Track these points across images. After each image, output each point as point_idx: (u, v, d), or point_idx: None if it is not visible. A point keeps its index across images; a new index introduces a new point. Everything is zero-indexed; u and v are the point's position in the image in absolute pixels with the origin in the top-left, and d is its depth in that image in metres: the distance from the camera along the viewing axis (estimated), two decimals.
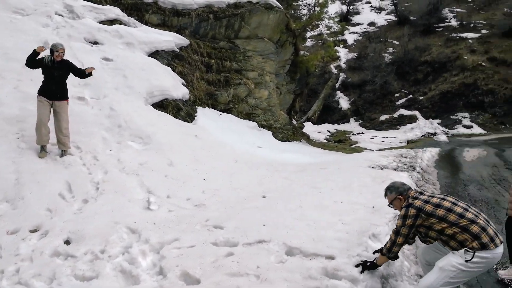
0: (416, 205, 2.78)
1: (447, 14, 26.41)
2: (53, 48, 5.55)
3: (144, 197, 5.02)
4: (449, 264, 2.66)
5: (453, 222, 2.65)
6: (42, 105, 5.46)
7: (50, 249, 3.65)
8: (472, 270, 2.62)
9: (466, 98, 20.10)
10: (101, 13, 9.83)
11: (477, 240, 2.59)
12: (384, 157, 8.50)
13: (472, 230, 2.61)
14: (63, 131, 5.56)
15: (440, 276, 2.68)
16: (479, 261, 2.59)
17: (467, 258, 2.58)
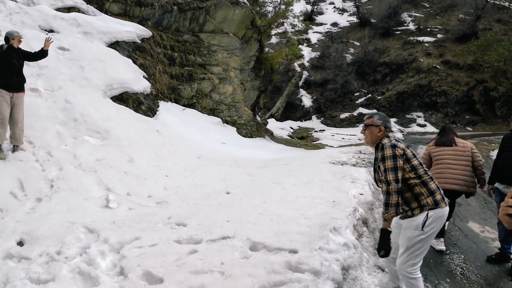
0: (401, 146, 2.77)
1: (405, 18, 27.63)
2: (9, 36, 5.19)
3: (103, 195, 4.81)
4: (410, 241, 2.79)
5: (420, 174, 2.76)
6: (3, 100, 5.01)
7: (2, 252, 3.41)
8: (430, 233, 2.75)
9: (421, 98, 21.24)
10: (58, 0, 9.28)
11: (432, 197, 2.74)
12: (344, 154, 8.76)
13: (430, 186, 2.76)
14: (19, 125, 5.18)
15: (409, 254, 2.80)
16: (432, 221, 2.73)
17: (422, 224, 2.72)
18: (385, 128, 2.89)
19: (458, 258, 4.42)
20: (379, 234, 2.86)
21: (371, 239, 4.41)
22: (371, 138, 2.92)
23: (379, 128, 2.88)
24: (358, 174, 6.28)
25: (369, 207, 5.25)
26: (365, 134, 2.98)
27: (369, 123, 2.94)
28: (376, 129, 2.89)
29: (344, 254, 3.49)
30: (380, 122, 2.89)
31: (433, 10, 28.44)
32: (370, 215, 5.00)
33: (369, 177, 6.50)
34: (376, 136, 2.89)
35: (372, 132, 2.91)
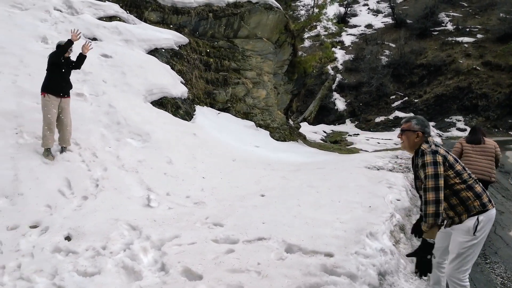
0: (441, 152, 2.67)
1: (443, 18, 26.65)
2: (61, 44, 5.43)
3: (144, 194, 5.04)
4: (461, 246, 2.71)
5: (465, 179, 2.69)
6: (51, 105, 5.27)
7: (50, 245, 3.65)
8: (481, 238, 2.68)
9: (460, 101, 20.35)
10: (100, 9, 9.81)
11: (479, 200, 2.66)
12: (380, 158, 8.59)
13: (476, 189, 2.69)
14: (67, 128, 5.51)
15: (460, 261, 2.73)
16: (483, 225, 2.66)
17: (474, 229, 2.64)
18: (423, 133, 2.77)
19: (499, 268, 4.23)
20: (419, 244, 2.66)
21: (409, 245, 4.32)
22: (408, 143, 2.83)
23: (417, 133, 2.77)
24: (395, 180, 6.16)
25: (407, 213, 5.13)
26: (402, 139, 2.88)
27: (406, 128, 2.85)
28: (413, 135, 2.79)
29: (380, 259, 3.45)
30: (418, 127, 2.78)
31: (471, 9, 27.23)
32: (407, 222, 4.89)
33: (407, 182, 6.34)
34: (413, 142, 2.79)
35: (409, 137, 2.81)
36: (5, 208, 4.26)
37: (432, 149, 2.66)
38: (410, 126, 2.82)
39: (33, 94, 6.13)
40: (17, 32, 7.63)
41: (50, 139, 5.31)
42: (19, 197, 4.43)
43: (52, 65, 5.39)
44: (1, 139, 5.25)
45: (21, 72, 6.61)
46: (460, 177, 2.68)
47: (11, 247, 3.62)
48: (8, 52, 6.93)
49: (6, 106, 5.79)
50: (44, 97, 5.27)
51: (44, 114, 5.27)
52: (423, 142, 2.76)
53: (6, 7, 8.32)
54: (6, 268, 3.27)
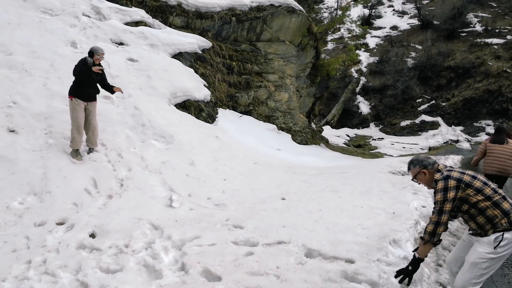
0: (454, 176, 2.66)
1: (471, 19, 25.77)
2: (94, 51, 5.52)
3: (166, 195, 5.12)
4: (479, 256, 2.64)
5: (488, 195, 2.61)
6: (79, 108, 5.46)
7: (76, 242, 3.77)
8: (501, 255, 2.60)
9: (490, 105, 19.57)
10: (126, 15, 10.09)
11: (506, 217, 2.56)
12: (405, 163, 8.35)
13: (503, 206, 2.59)
14: (95, 130, 5.69)
15: (473, 271, 2.66)
16: (507, 243, 2.56)
17: (496, 243, 2.56)
18: (426, 167, 2.82)
19: (510, 274, 4.03)
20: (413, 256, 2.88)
21: (433, 254, 4.18)
22: (426, 183, 2.89)
23: (422, 172, 2.84)
24: (420, 186, 5.97)
25: None
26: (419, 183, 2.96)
27: (412, 175, 2.94)
28: (421, 175, 2.86)
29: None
30: (417, 168, 2.85)
31: (501, 10, 26.17)
32: None
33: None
34: (427, 179, 2.86)
35: (422, 179, 2.89)
36: (34, 205, 4.44)
37: (444, 176, 2.70)
38: (413, 172, 2.92)
39: (63, 96, 6.36)
40: (48, 37, 7.95)
41: (79, 140, 5.49)
42: (47, 194, 4.60)
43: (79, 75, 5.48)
44: (32, 139, 5.47)
45: (51, 75, 6.87)
46: (482, 194, 2.62)
47: (38, 242, 3.76)
48: (40, 56, 7.23)
49: (37, 108, 6.03)
50: (72, 100, 5.45)
51: (73, 117, 5.45)
52: (435, 173, 2.80)
53: (37, 13, 8.69)
54: (32, 263, 3.40)
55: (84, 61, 5.47)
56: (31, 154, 5.20)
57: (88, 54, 5.58)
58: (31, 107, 6.00)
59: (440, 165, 2.84)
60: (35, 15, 8.55)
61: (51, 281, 3.16)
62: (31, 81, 6.53)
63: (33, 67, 6.89)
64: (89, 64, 5.45)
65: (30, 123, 5.73)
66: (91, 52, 5.54)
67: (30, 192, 4.62)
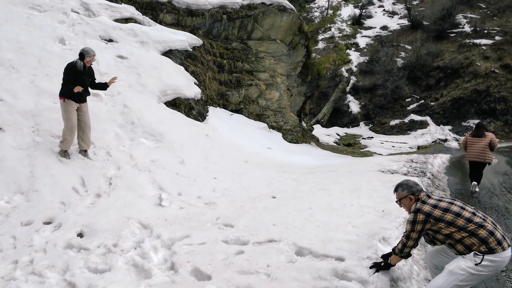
0: (425, 210, 2.78)
1: (460, 19, 26.13)
2: (85, 53, 5.35)
3: (156, 193, 5.08)
4: (459, 267, 2.67)
5: (461, 226, 2.67)
6: (72, 109, 5.31)
7: (63, 241, 3.72)
8: (481, 274, 2.63)
9: (478, 105, 19.89)
10: (116, 12, 9.96)
11: (485, 245, 2.61)
12: (394, 162, 8.45)
13: (480, 235, 2.63)
14: (89, 130, 5.55)
15: (449, 279, 2.69)
16: (488, 264, 2.60)
17: (477, 261, 2.60)
18: (413, 193, 2.93)
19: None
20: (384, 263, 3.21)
21: (422, 251, 4.22)
22: (408, 208, 2.99)
23: (408, 197, 2.94)
24: None
25: None
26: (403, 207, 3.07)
27: (397, 197, 3.04)
28: (406, 200, 2.97)
29: None
30: (406, 192, 2.96)
31: (490, 11, 26.58)
32: None
33: (422, 187, 6.21)
34: (409, 205, 2.96)
35: (405, 204, 2.99)
36: (21, 204, 4.36)
37: (415, 209, 2.83)
38: (400, 195, 3.01)
39: (51, 93, 6.25)
40: (36, 33, 7.81)
41: (70, 142, 5.36)
42: (34, 193, 4.52)
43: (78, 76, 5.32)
44: (19, 137, 5.37)
45: (39, 72, 6.75)
46: (455, 226, 2.68)
47: (25, 242, 3.70)
48: (27, 52, 7.10)
49: (24, 105, 5.92)
50: (64, 101, 5.27)
51: (67, 118, 5.28)
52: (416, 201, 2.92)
53: (25, 9, 8.53)
54: (19, 263, 3.34)
55: (74, 66, 5.27)
56: (18, 152, 5.10)
57: (79, 56, 5.40)
58: (18, 104, 5.89)
59: (422, 193, 2.93)
60: (23, 11, 8.39)
61: (38, 281, 3.11)
62: (18, 78, 6.41)
63: (21, 63, 6.76)
64: (79, 69, 5.29)
65: (17, 120, 5.62)
66: (81, 54, 5.37)
67: (17, 191, 4.53)
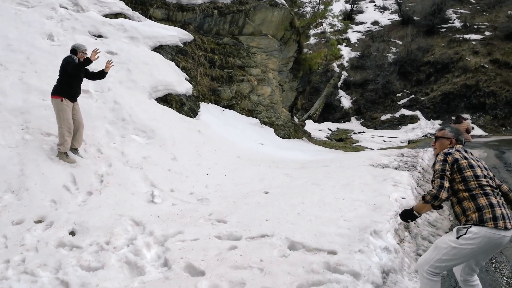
0: (454, 155, 2.71)
1: (450, 15, 26.38)
2: (77, 49, 5.26)
3: (148, 190, 5.06)
4: (442, 241, 2.66)
5: (470, 187, 2.60)
6: (69, 109, 5.21)
7: (55, 240, 3.69)
8: (462, 247, 2.51)
9: (468, 99, 20.15)
10: (105, 7, 9.84)
11: (478, 213, 2.51)
12: (385, 156, 8.52)
13: (479, 201, 2.55)
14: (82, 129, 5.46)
15: (432, 254, 2.67)
16: (472, 237, 2.48)
17: (459, 233, 2.52)
18: (457, 141, 2.87)
19: (505, 268, 4.17)
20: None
21: (413, 244, 4.28)
22: (440, 149, 2.89)
23: (450, 140, 2.88)
24: (400, 178, 6.10)
25: None
26: (435, 146, 2.97)
27: (439, 135, 2.95)
28: (446, 141, 2.89)
29: (384, 257, 3.43)
30: (452, 134, 2.90)
31: (479, 6, 26.90)
32: None
33: (412, 181, 6.29)
34: (445, 147, 2.87)
35: (442, 144, 2.91)
36: (11, 203, 4.31)
37: (445, 151, 2.75)
38: (444, 134, 2.93)
39: (40, 90, 6.17)
40: (24, 29, 7.68)
41: (70, 142, 5.26)
42: (25, 192, 4.47)
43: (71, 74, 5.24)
44: (7, 135, 5.29)
45: (28, 69, 6.65)
46: (465, 184, 2.61)
47: (16, 241, 3.66)
48: (15, 49, 6.98)
49: (13, 103, 5.84)
50: (62, 101, 5.15)
51: (63, 118, 5.16)
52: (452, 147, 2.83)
53: (13, 5, 8.38)
54: (10, 262, 3.31)
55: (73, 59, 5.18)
56: (7, 150, 5.03)
57: (71, 52, 5.32)
58: (7, 101, 5.80)
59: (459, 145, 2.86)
60: (11, 7, 8.25)
61: (30, 281, 3.09)
62: (6, 75, 6.31)
63: (9, 60, 6.65)
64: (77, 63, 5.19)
65: (6, 118, 5.54)
66: (74, 50, 5.29)
67: (7, 190, 4.47)
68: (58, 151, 5.24)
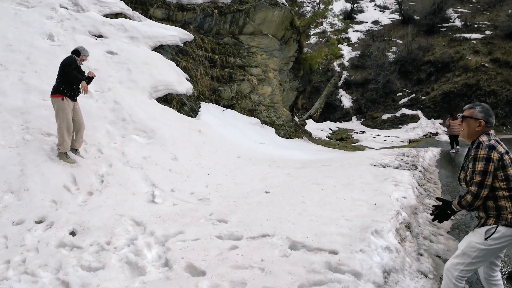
0: (499, 150, 2.43)
1: (451, 14, 26.35)
2: (81, 51, 5.37)
3: (149, 190, 5.05)
4: (469, 245, 2.57)
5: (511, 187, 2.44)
6: (69, 109, 5.23)
7: (55, 240, 3.68)
8: (491, 248, 2.47)
9: (469, 98, 20.12)
10: (105, 7, 9.84)
11: None
12: (386, 156, 8.52)
13: None
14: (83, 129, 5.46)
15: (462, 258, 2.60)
16: (500, 236, 2.44)
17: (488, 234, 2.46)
18: (486, 122, 2.55)
19: (506, 267, 4.17)
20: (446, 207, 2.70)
21: (414, 244, 4.27)
22: (468, 131, 2.61)
23: (479, 122, 2.55)
24: (401, 177, 6.09)
25: (413, 211, 5.07)
26: (462, 126, 2.66)
27: (467, 115, 2.62)
28: (475, 123, 2.56)
29: (386, 257, 3.42)
30: (482, 115, 2.56)
31: (480, 6, 26.86)
32: (413, 220, 4.83)
33: (413, 180, 6.28)
34: (474, 130, 2.58)
35: (470, 125, 2.59)
36: (11, 203, 4.30)
37: (490, 144, 2.45)
38: (473, 113, 2.60)
39: (40, 90, 6.16)
40: (24, 29, 7.68)
41: (69, 142, 5.27)
42: (25, 192, 4.46)
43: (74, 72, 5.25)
44: (8, 135, 5.29)
45: (28, 69, 6.65)
46: (507, 183, 2.46)
47: (17, 241, 3.65)
48: (15, 49, 6.98)
49: (13, 103, 5.83)
50: (63, 100, 5.17)
51: (64, 118, 5.16)
52: (483, 133, 2.56)
53: (13, 5, 8.38)
54: (11, 263, 3.30)
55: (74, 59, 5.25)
56: (8, 150, 5.02)
57: (74, 52, 5.37)
58: (7, 102, 5.79)
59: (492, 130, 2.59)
60: (11, 7, 8.24)
61: (31, 281, 3.08)
62: (6, 75, 6.30)
63: (9, 60, 6.65)
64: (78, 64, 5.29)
65: (6, 118, 5.53)
66: (77, 51, 5.35)
67: (7, 190, 4.46)
68: (58, 151, 5.24)
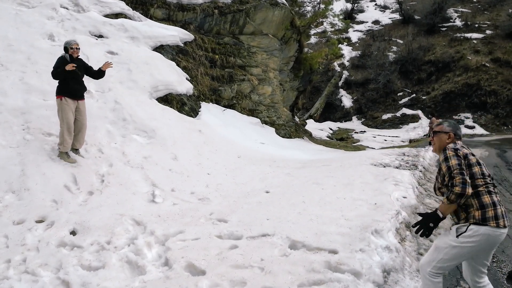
0: (464, 151, 2.67)
1: (451, 14, 26.35)
2: (67, 45, 5.27)
3: (149, 190, 5.07)
4: (442, 241, 2.65)
5: (476, 184, 2.57)
6: (69, 108, 5.18)
7: (56, 240, 3.69)
8: (462, 245, 2.52)
9: (469, 98, 20.12)
10: (106, 7, 9.85)
11: (481, 210, 2.51)
12: (386, 156, 8.52)
13: (483, 199, 2.54)
14: (84, 130, 5.45)
15: (433, 255, 2.67)
16: (472, 234, 2.50)
17: (459, 232, 2.53)
18: (455, 135, 2.80)
19: (506, 267, 4.17)
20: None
21: (415, 243, 4.27)
22: (439, 145, 2.84)
23: (448, 134, 2.81)
24: (401, 177, 6.09)
25: (413, 211, 5.08)
26: (433, 141, 2.91)
27: (437, 129, 2.88)
28: (445, 136, 2.81)
29: (385, 257, 3.42)
30: (449, 128, 2.82)
31: (481, 5, 26.86)
32: (413, 219, 4.83)
33: (413, 180, 6.28)
34: (444, 143, 2.80)
35: (440, 139, 2.83)
36: (12, 203, 4.31)
37: (455, 147, 2.68)
38: (442, 128, 2.86)
39: (40, 91, 6.18)
40: (25, 30, 7.69)
41: (70, 142, 5.25)
42: (26, 192, 4.47)
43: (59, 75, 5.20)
44: (8, 135, 5.30)
45: (28, 69, 6.66)
46: (472, 181, 2.57)
47: (17, 241, 3.66)
48: (16, 49, 6.99)
49: (13, 103, 5.84)
50: (61, 100, 5.16)
51: (63, 118, 5.16)
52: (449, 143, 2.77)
53: (13, 5, 8.39)
54: (11, 262, 3.31)
55: (61, 59, 5.20)
56: (8, 150, 5.03)
57: (64, 50, 5.36)
58: (7, 102, 5.80)
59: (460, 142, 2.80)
60: (11, 7, 8.26)
61: (31, 280, 3.09)
62: (7, 75, 6.31)
63: (9, 60, 6.66)
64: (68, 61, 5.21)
65: (7, 118, 5.54)
66: (65, 48, 5.33)
67: (8, 190, 4.48)
68: (59, 150, 5.25)
